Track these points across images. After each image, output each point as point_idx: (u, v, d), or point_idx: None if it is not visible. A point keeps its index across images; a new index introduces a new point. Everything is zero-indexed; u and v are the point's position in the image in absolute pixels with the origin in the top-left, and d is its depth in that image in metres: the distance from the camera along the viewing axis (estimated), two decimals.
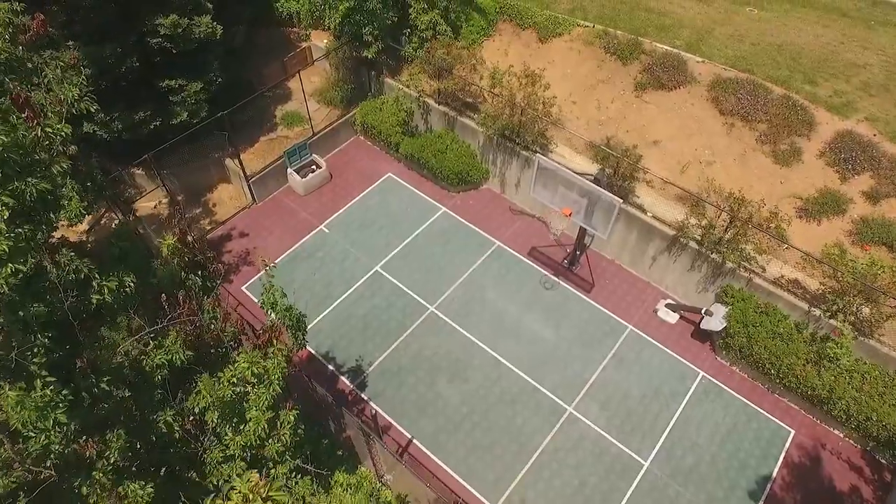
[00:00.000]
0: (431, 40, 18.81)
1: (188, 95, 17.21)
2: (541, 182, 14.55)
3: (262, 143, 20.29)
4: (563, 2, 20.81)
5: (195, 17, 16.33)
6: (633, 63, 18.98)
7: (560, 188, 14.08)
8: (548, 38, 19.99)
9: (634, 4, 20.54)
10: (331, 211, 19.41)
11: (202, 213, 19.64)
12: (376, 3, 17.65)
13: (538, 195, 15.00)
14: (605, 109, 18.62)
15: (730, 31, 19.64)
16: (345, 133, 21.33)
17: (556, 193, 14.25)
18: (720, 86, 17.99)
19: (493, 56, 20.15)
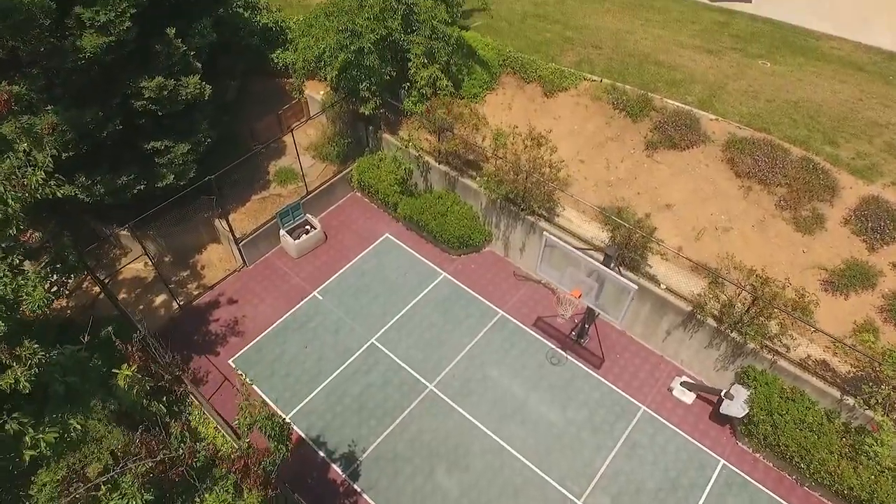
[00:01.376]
0: (431, 97, 17.92)
1: (175, 157, 16.32)
2: (547, 259, 13.50)
3: (254, 201, 19.35)
4: (568, 54, 19.98)
5: (182, 78, 15.47)
6: (643, 120, 18.07)
7: (568, 267, 13.01)
8: (553, 92, 19.12)
9: (643, 58, 19.70)
10: (325, 275, 18.38)
11: (190, 276, 18.64)
12: (374, 59, 16.79)
13: (544, 273, 13.96)
14: (614, 169, 17.66)
15: (743, 86, 18.75)
16: (341, 189, 20.41)
17: (565, 273, 13.20)
18: (735, 146, 17.05)
19: (496, 110, 19.29)
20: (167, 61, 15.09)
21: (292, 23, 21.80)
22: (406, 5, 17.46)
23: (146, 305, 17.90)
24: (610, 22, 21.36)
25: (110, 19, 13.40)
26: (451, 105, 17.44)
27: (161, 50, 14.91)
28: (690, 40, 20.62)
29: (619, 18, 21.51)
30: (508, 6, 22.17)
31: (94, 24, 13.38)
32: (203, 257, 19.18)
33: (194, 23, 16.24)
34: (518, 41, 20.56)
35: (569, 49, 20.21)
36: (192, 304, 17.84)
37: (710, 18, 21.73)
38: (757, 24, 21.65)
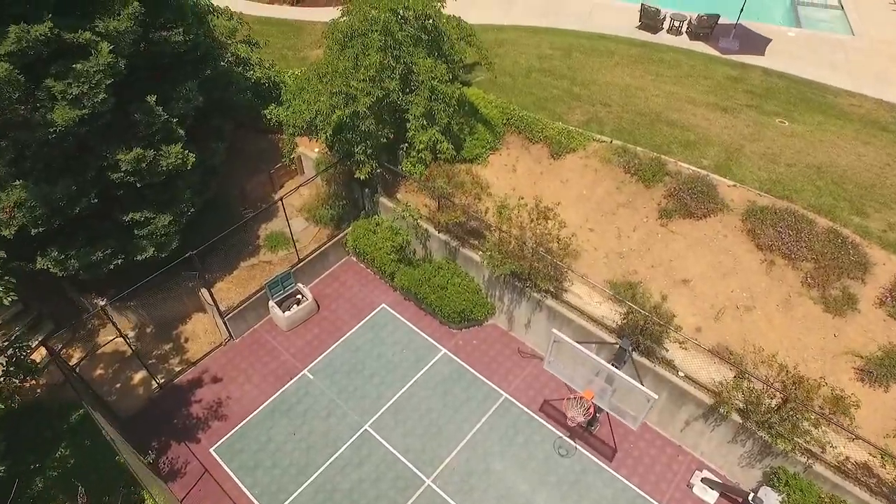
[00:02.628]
0: (431, 162, 16.85)
1: (156, 229, 15.23)
2: (556, 355, 12.25)
3: (243, 269, 18.21)
4: (576, 112, 18.97)
5: (163, 148, 14.43)
6: (656, 185, 16.96)
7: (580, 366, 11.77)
8: (561, 153, 18.07)
9: (655, 117, 18.67)
10: (317, 351, 17.15)
11: (172, 349, 17.43)
12: (370, 123, 15.76)
13: (553, 369, 12.74)
14: (626, 239, 16.50)
15: (761, 148, 17.66)
16: (335, 254, 19.27)
17: (576, 371, 11.94)
18: (756, 215, 15.90)
19: (500, 172, 18.23)
20: (147, 130, 14.07)
21: (287, 77, 20.92)
22: (405, 65, 16.48)
23: (124, 383, 16.69)
24: (619, 77, 20.39)
25: (83, 91, 12.36)
26: (452, 173, 16.33)
27: (140, 119, 13.90)
28: (703, 97, 19.62)
29: (628, 73, 20.55)
30: (513, 60, 21.26)
31: (65, 97, 12.33)
32: (187, 328, 17.99)
33: (179, 86, 15.24)
34: (523, 98, 19.59)
35: (576, 107, 19.21)
36: (173, 382, 16.61)
37: (723, 73, 20.76)
38: (771, 78, 20.66)
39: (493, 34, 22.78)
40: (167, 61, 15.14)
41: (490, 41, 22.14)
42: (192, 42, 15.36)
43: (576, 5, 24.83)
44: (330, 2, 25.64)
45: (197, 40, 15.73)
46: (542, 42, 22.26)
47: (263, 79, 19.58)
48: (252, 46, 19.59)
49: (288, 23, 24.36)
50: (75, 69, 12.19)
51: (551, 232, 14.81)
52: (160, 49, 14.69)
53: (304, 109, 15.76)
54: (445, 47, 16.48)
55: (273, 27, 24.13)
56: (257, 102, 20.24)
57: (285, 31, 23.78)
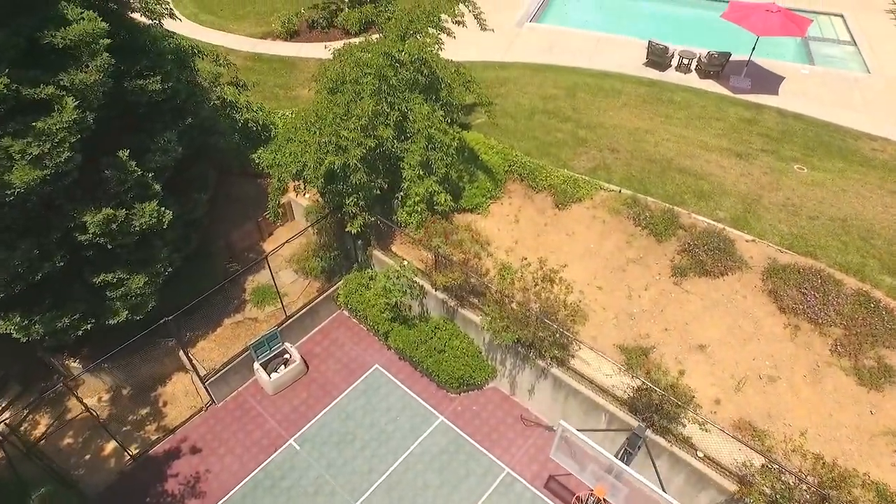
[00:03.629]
0: (428, 216, 15.71)
1: (129, 291, 14.00)
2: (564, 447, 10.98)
3: (227, 327, 17.02)
4: (582, 158, 17.88)
5: (137, 206, 13.29)
6: (669, 240, 15.81)
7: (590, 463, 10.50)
8: (566, 203, 16.95)
9: (666, 164, 17.57)
10: (304, 418, 15.89)
11: (149, 415, 16.18)
12: (361, 176, 14.64)
13: (560, 459, 11.44)
14: (637, 299, 15.29)
15: (780, 198, 16.53)
16: (326, 308, 18.07)
17: (585, 462, 10.66)
18: (777, 274, 14.72)
19: (501, 223, 17.08)
20: (119, 188, 12.93)
21: (278, 118, 19.89)
22: (399, 111, 15.41)
23: (94, 454, 15.44)
24: (627, 119, 19.33)
25: (45, 150, 11.25)
26: (449, 230, 15.19)
27: (111, 176, 12.76)
28: (716, 141, 18.53)
29: (636, 115, 19.49)
30: (515, 100, 20.23)
31: (25, 157, 11.21)
32: (167, 390, 16.76)
33: (156, 137, 14.15)
34: (526, 142, 18.51)
35: (582, 152, 18.12)
36: (147, 453, 15.33)
37: (736, 115, 19.70)
38: (787, 120, 19.59)
39: (495, 72, 21.79)
40: (143, 111, 14.09)
41: (491, 79, 21.17)
42: (171, 90, 14.34)
43: (579, 41, 23.88)
44: (325, 37, 24.72)
45: (177, 87, 14.71)
46: (546, 81, 21.25)
47: (251, 121, 18.47)
48: (240, 88, 18.55)
49: (280, 59, 23.42)
50: (36, 127, 11.07)
51: (558, 297, 13.58)
52: (136, 98, 13.65)
53: (291, 162, 14.63)
54: (443, 94, 15.38)
55: (264, 63, 23.18)
56: (245, 146, 19.19)
57: (277, 69, 22.82)
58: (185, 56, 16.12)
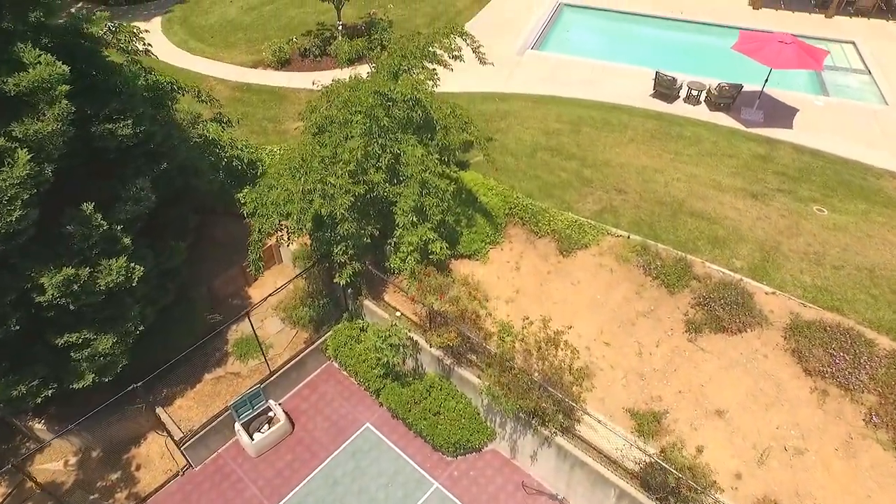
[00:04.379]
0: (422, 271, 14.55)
1: (96, 352, 12.81)
2: None
3: (207, 382, 15.82)
4: (587, 200, 16.76)
5: (103, 262, 12.13)
6: (682, 291, 14.65)
7: None
8: (571, 249, 15.82)
9: (677, 206, 16.45)
10: (288, 484, 14.65)
11: (120, 480, 14.95)
12: (350, 227, 13.51)
13: None
14: (648, 357, 14.09)
15: (801, 245, 15.38)
16: (314, 360, 16.89)
17: None
18: (801, 332, 13.56)
19: (501, 271, 15.92)
20: (83, 243, 11.77)
21: (265, 154, 18.81)
22: (391, 154, 14.30)
23: None
24: (634, 156, 18.23)
25: None
26: (445, 287, 14.02)
27: (74, 231, 11.60)
28: (730, 180, 17.42)
29: (644, 152, 18.39)
30: (516, 136, 19.15)
31: None
32: (141, 451, 15.53)
33: (128, 184, 13.04)
34: (527, 182, 17.42)
35: (588, 193, 17.00)
36: None
37: (749, 151, 18.60)
38: (803, 157, 18.49)
39: (494, 104, 20.74)
40: (113, 156, 12.98)
41: (491, 113, 20.12)
42: (144, 133, 13.24)
43: (583, 69, 22.88)
44: (317, 66, 23.72)
45: (152, 130, 13.62)
46: (549, 114, 20.18)
47: (236, 159, 17.38)
48: (224, 125, 17.47)
49: (270, 90, 22.40)
50: None
51: (563, 363, 12.39)
52: (104, 144, 12.55)
53: (273, 212, 13.50)
54: (439, 136, 14.29)
55: (253, 94, 22.16)
56: (230, 184, 18.07)
57: (266, 100, 21.79)
58: (163, 94, 15.04)
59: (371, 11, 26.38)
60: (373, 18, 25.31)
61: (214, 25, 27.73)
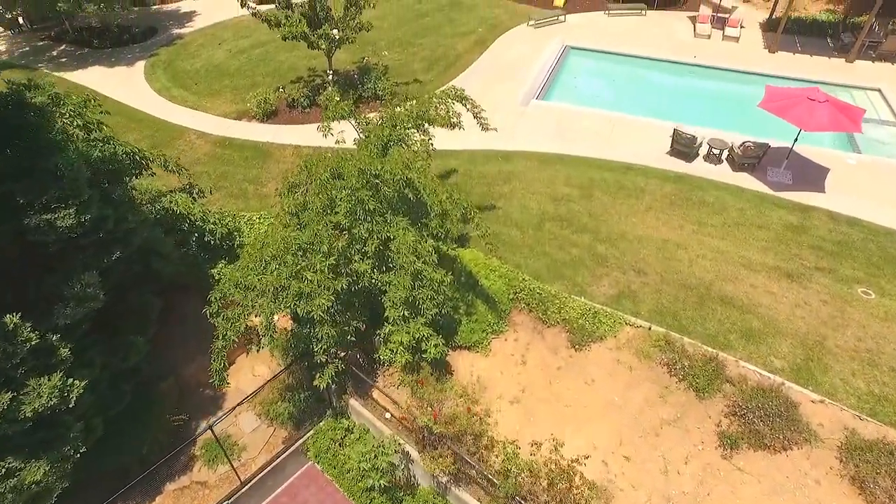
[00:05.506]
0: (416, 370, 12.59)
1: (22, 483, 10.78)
2: None
3: (168, 494, 13.92)
4: (602, 282, 14.83)
5: (31, 381, 10.16)
6: (713, 396, 12.68)
7: None
8: (584, 342, 13.88)
9: (704, 290, 14.52)
10: None
11: None
12: (328, 331, 11.57)
13: None
14: (675, 476, 12.07)
15: (850, 340, 13.41)
16: (294, 462, 14.96)
17: None
18: (860, 453, 11.61)
19: (505, 366, 13.97)
20: (4, 364, 9.80)
21: (243, 222, 16.95)
22: (379, 239, 12.40)
23: None
24: (653, 227, 16.35)
25: None
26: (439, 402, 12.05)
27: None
28: (760, 257, 15.50)
29: (664, 222, 16.51)
30: (521, 203, 17.30)
31: None
32: None
33: (72, 281, 11.13)
34: (534, 260, 15.53)
35: (603, 274, 15.09)
36: None
37: (780, 220, 16.71)
38: (840, 227, 16.59)
39: (497, 165, 18.91)
40: (54, 249, 11.06)
41: (493, 175, 18.29)
42: (92, 220, 11.34)
43: (593, 122, 21.15)
44: (305, 118, 22.00)
45: (103, 214, 11.74)
46: (557, 176, 18.36)
47: (208, 233, 15.51)
48: (195, 196, 15.63)
49: (253, 145, 20.63)
50: None
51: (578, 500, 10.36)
52: (42, 238, 10.66)
53: (240, 315, 11.58)
54: (433, 224, 12.43)
55: (235, 151, 20.38)
56: (203, 257, 16.19)
57: (249, 157, 20.01)
58: (121, 168, 13.22)
59: (364, 57, 24.75)
60: (366, 65, 23.63)
61: (200, 71, 26.11)
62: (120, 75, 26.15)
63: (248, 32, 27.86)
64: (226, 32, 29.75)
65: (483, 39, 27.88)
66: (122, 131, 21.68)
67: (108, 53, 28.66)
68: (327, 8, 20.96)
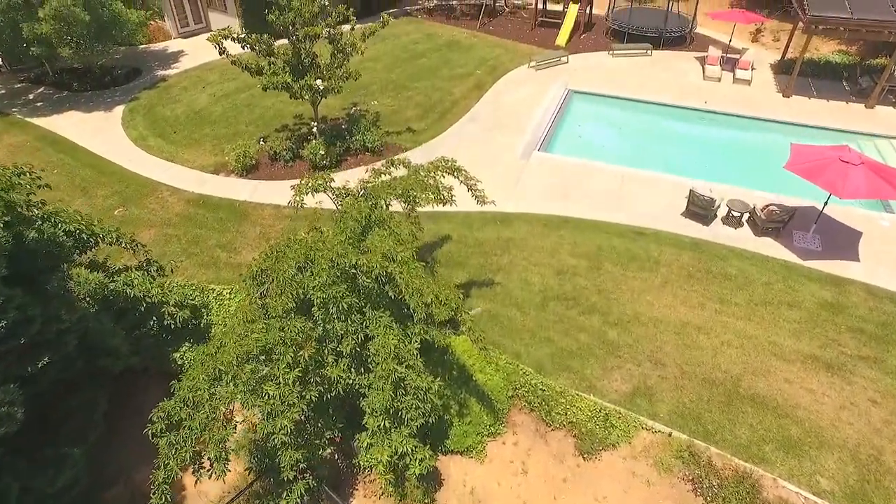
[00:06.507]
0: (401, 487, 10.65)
1: None
2: None
3: None
4: (614, 376, 12.95)
5: None
6: None
7: None
8: (594, 449, 12.01)
9: (731, 387, 12.65)
10: None
11: None
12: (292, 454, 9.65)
13: None
14: None
15: None
16: None
17: None
18: None
19: (502, 475, 12.05)
20: None
21: (213, 297, 15.15)
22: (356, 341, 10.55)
23: None
24: (670, 306, 14.51)
25: None
26: None
27: None
28: (793, 343, 13.62)
29: (682, 299, 14.67)
30: (521, 277, 15.49)
31: None
32: None
33: None
34: (536, 348, 13.66)
35: (614, 366, 13.20)
36: None
37: (812, 297, 14.87)
38: (882, 304, 14.79)
39: (496, 230, 17.15)
40: None
41: (491, 242, 16.50)
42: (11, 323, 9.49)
43: (600, 178, 19.48)
44: (288, 172, 20.33)
45: (29, 315, 9.89)
46: (562, 244, 16.56)
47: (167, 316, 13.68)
48: (153, 275, 13.83)
49: (230, 204, 18.90)
50: None
51: None
52: None
53: (187, 439, 9.69)
54: (417, 329, 10.58)
55: (209, 211, 18.63)
56: (165, 338, 14.37)
57: (224, 219, 18.25)
58: (60, 252, 11.42)
59: (354, 103, 23.16)
60: (355, 113, 22.02)
61: (180, 117, 24.54)
62: (96, 121, 24.57)
63: (235, 75, 26.34)
64: (212, 74, 28.27)
65: (482, 83, 26.36)
66: (91, 186, 20.08)
67: (88, 97, 27.16)
68: (313, 54, 19.39)
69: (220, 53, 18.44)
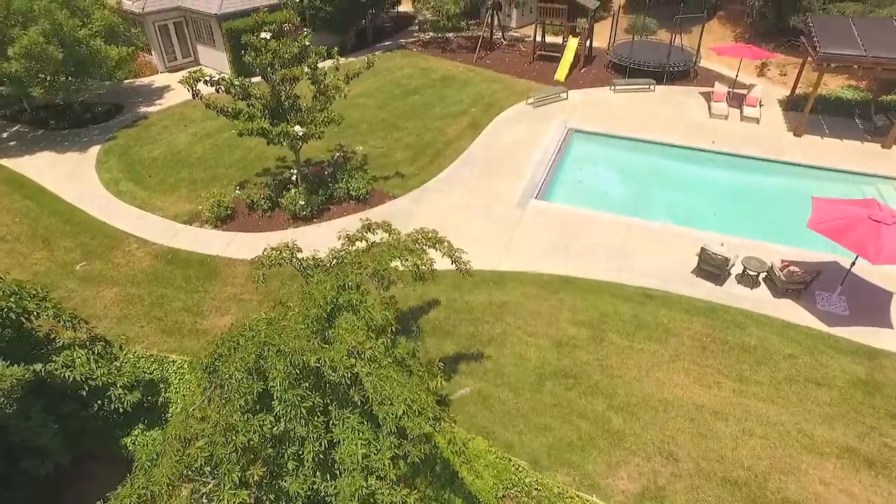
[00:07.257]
0: None
1: None
2: None
3: None
4: (620, 473, 11.40)
5: None
6: None
7: None
8: None
9: (756, 490, 11.09)
10: None
11: None
12: None
13: None
14: None
15: None
16: None
17: None
18: None
19: None
20: None
21: (172, 371, 13.56)
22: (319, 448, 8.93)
23: None
24: (682, 386, 12.87)
25: None
26: None
27: None
28: (826, 431, 11.94)
29: (695, 377, 13.02)
30: (516, 351, 13.86)
31: None
32: None
33: None
34: (531, 437, 12.00)
35: (621, 460, 11.51)
36: None
37: (843, 372, 13.21)
38: None
39: (488, 292, 15.56)
40: None
41: (482, 307, 14.92)
42: None
43: (602, 230, 17.97)
44: (266, 224, 18.83)
45: None
46: (561, 309, 14.96)
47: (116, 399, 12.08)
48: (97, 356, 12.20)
49: (200, 260, 17.37)
50: None
51: None
52: None
53: None
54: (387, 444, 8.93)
55: (178, 267, 17.10)
56: (117, 419, 12.75)
57: (192, 277, 16.71)
58: None
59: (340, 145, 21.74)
60: (340, 157, 20.59)
61: (157, 159, 23.15)
62: (69, 163, 23.19)
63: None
64: (195, 112, 26.92)
65: (477, 122, 25.00)
66: (54, 236, 18.62)
67: (65, 136, 25.85)
68: (294, 96, 17.99)
69: (193, 97, 17.04)
